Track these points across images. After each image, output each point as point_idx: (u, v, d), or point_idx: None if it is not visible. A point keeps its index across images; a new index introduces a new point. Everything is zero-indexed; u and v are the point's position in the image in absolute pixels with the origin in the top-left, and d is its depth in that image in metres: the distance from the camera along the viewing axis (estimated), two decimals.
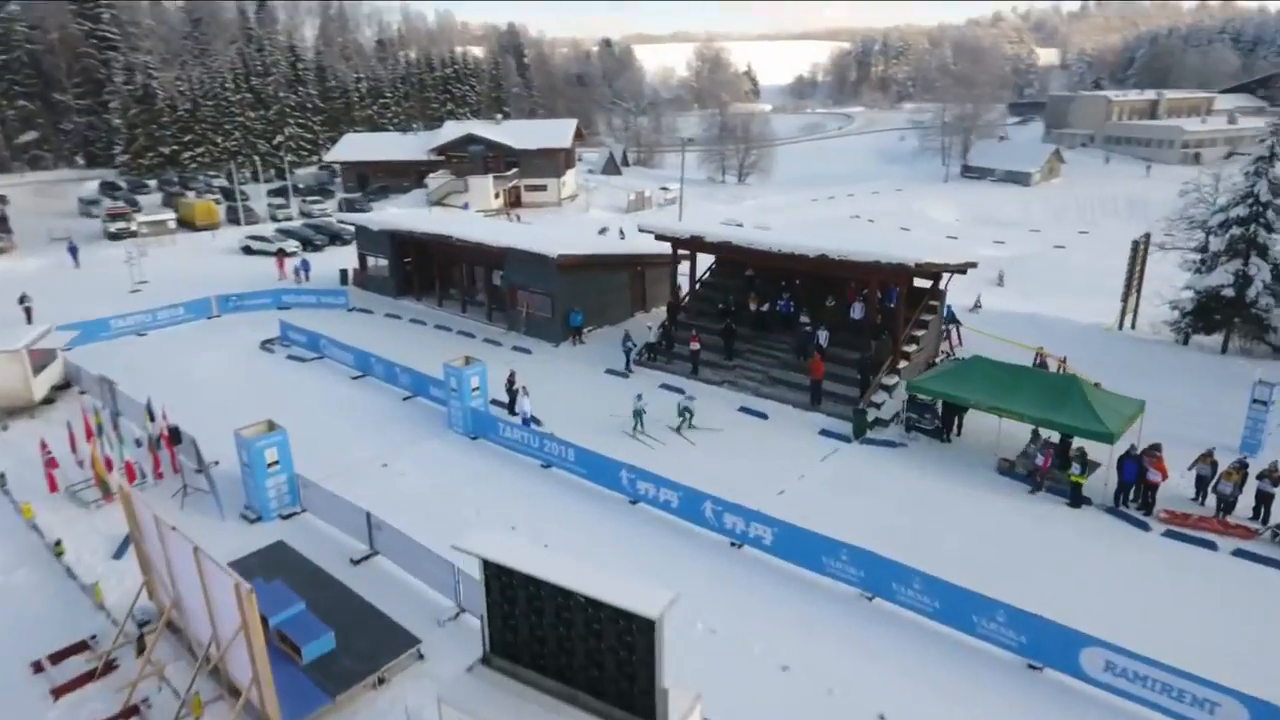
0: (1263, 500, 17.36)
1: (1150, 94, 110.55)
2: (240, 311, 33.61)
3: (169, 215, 53.56)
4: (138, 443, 19.27)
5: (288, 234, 49.30)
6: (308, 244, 48.52)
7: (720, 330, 26.22)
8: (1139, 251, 33.99)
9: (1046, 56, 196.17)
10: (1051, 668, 12.87)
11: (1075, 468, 17.97)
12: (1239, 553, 16.40)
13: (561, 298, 29.36)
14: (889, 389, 23.36)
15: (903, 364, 23.97)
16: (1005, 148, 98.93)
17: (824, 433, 22.05)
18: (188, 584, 12.29)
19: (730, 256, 27.63)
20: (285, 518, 17.63)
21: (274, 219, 57.69)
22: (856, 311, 25.33)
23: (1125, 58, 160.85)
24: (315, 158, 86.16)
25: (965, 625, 13.66)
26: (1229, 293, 29.52)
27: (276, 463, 17.35)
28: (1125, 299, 34.00)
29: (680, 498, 17.40)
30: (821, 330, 24.38)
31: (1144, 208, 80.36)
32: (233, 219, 56.48)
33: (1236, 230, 29.60)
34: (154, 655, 12.89)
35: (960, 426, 21.60)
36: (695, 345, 25.64)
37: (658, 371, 26.52)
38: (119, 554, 16.08)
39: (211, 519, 17.53)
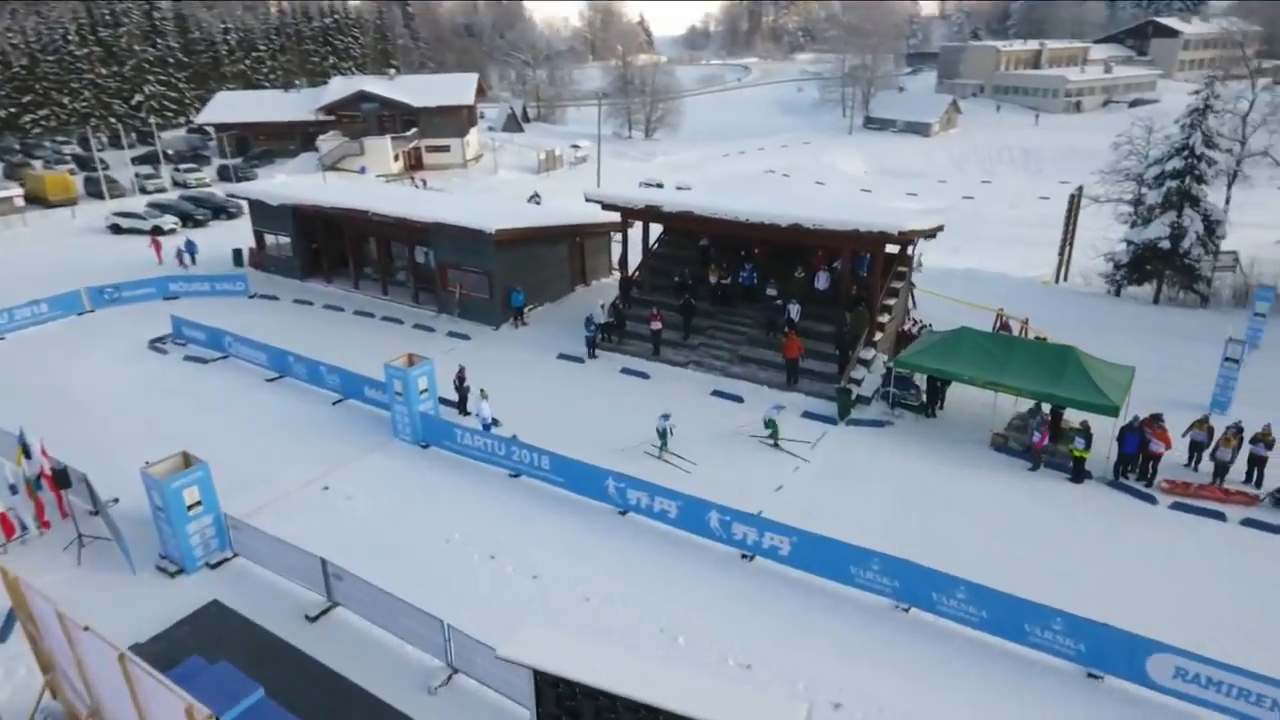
0: (1256, 463, 17.21)
1: (1034, 44, 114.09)
2: (119, 305, 29.04)
3: (15, 191, 46.46)
4: (12, 489, 15.74)
5: (162, 209, 43.54)
6: (188, 219, 43.05)
7: (679, 306, 24.32)
8: (1074, 205, 34.20)
9: (927, 7, 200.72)
10: (1114, 675, 11.99)
11: (1079, 442, 17.31)
12: (1247, 522, 16.14)
13: (499, 276, 26.65)
14: (867, 363, 22.20)
15: (877, 335, 22.84)
16: (905, 98, 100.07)
17: (807, 415, 20.65)
18: (111, 691, 9.58)
19: (690, 227, 25.61)
20: (213, 566, 14.75)
21: (143, 190, 51.21)
22: (821, 282, 23.94)
23: (1000, 9, 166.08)
24: (184, 119, 77.78)
25: (1016, 635, 12.60)
26: (1165, 245, 29.98)
27: (199, 503, 14.42)
28: (1062, 252, 34.26)
29: (679, 507, 15.58)
30: (793, 304, 22.83)
31: (1037, 157, 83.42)
32: (93, 192, 49.75)
33: (1172, 183, 29.96)
34: None
35: (943, 400, 20.72)
36: (657, 325, 23.56)
37: (615, 354, 24.45)
38: (2, 635, 12.91)
39: (120, 574, 14.45)
